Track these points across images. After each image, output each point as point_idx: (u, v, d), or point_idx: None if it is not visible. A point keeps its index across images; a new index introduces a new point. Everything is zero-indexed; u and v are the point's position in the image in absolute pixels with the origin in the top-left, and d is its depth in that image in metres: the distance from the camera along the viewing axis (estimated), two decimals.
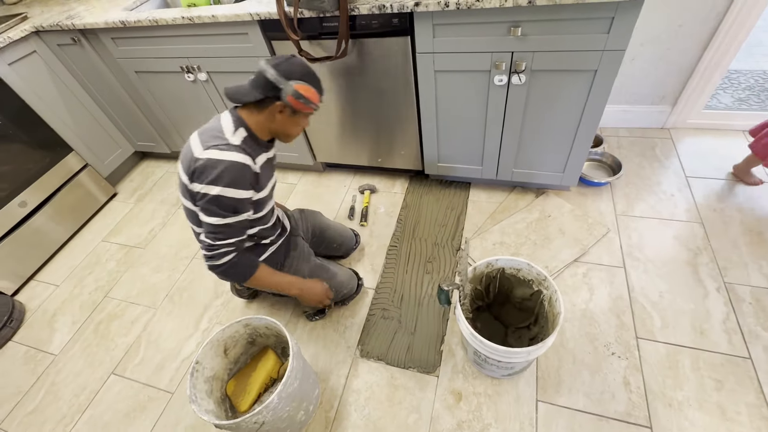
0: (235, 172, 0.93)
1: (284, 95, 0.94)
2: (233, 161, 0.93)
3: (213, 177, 0.91)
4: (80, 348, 1.52)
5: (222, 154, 0.92)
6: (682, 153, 1.78)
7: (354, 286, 1.41)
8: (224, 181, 0.92)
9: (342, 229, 1.56)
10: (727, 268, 1.36)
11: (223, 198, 0.93)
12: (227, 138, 0.96)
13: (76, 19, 1.65)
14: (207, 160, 0.92)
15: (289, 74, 0.94)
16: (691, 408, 1.09)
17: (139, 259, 1.81)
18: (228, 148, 0.94)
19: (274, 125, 1.02)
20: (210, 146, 0.94)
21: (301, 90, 0.94)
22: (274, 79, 0.93)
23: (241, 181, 0.95)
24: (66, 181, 1.94)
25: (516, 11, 1.13)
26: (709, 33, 1.55)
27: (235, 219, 0.98)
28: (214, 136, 0.96)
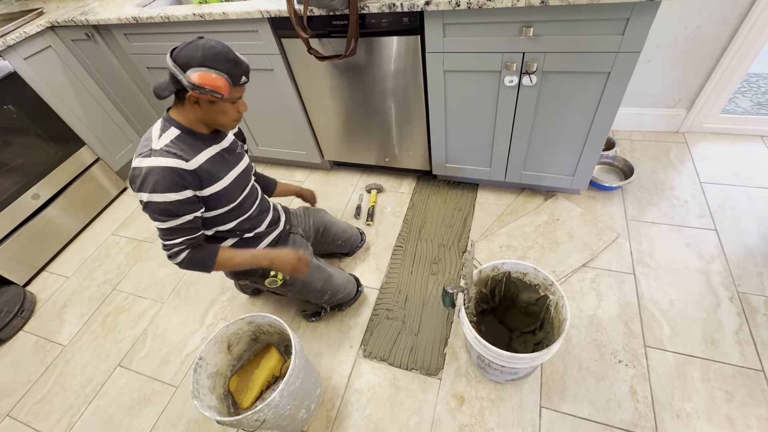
0: (158, 177, 0.89)
1: (188, 85, 0.85)
2: (153, 167, 0.89)
3: (138, 185, 0.90)
4: (88, 339, 1.54)
5: (143, 161, 0.90)
6: (697, 158, 1.74)
7: (352, 291, 1.39)
8: (148, 187, 0.89)
9: (347, 226, 1.55)
10: (742, 278, 1.32)
11: (152, 204, 0.91)
12: (151, 143, 0.92)
13: (90, 15, 1.67)
14: (133, 169, 0.92)
15: (187, 62, 0.85)
16: (699, 420, 1.06)
17: (148, 253, 1.83)
18: (150, 153, 0.90)
19: (201, 116, 0.96)
20: (137, 155, 0.92)
21: (199, 80, 0.84)
22: (173, 71, 0.86)
23: (167, 184, 0.90)
24: (78, 174, 1.97)
25: (528, 11, 1.11)
26: (729, 35, 1.50)
27: (176, 222, 0.95)
28: (143, 144, 0.94)
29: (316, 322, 1.43)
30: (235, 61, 0.89)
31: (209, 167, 0.98)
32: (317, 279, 1.29)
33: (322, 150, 1.92)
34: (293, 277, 1.23)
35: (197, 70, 0.84)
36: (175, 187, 0.91)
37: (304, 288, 1.28)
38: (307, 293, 1.30)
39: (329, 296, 1.32)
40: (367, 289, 1.50)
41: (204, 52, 0.85)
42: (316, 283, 1.28)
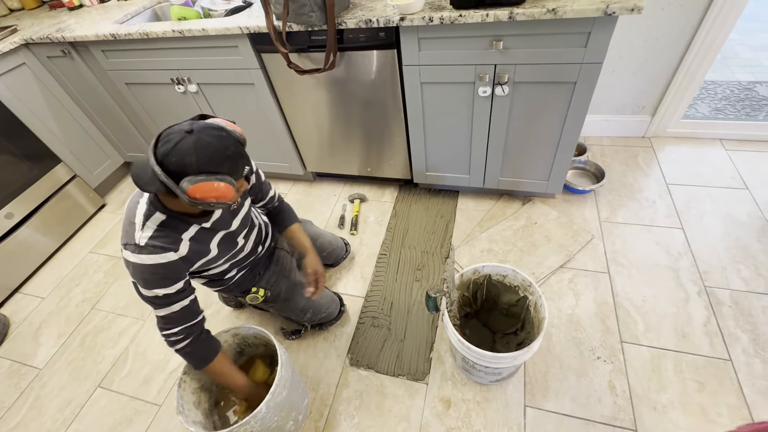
0: (147, 276, 0.84)
1: (181, 195, 0.74)
2: (142, 264, 0.83)
3: (132, 275, 0.86)
4: (66, 361, 1.49)
5: (131, 257, 0.83)
6: (663, 161, 1.84)
7: (335, 311, 1.39)
8: (140, 283, 0.86)
9: (332, 237, 1.56)
10: (707, 272, 1.39)
11: (146, 297, 0.88)
12: (134, 237, 0.83)
13: (67, 31, 1.67)
14: (125, 260, 0.86)
15: (180, 170, 0.72)
16: (675, 410, 1.11)
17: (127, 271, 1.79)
18: (134, 249, 0.82)
19: (191, 209, 0.88)
20: (123, 243, 0.85)
21: (200, 194, 0.73)
22: (165, 180, 0.72)
23: (157, 281, 0.85)
24: (54, 192, 1.93)
25: (497, 26, 1.17)
26: (684, 46, 1.61)
27: (171, 310, 0.90)
28: (127, 231, 0.85)
29: (296, 340, 1.42)
30: (235, 154, 0.77)
31: (195, 246, 0.92)
32: (300, 297, 1.28)
33: (305, 162, 1.94)
34: (274, 293, 1.23)
35: (195, 181, 0.72)
36: (165, 282, 0.86)
37: (286, 305, 1.28)
38: (288, 311, 1.30)
39: (311, 315, 1.33)
40: (353, 298, 1.52)
41: (199, 155, 0.72)
42: (299, 302, 1.28)
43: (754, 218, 1.53)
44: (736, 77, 2.33)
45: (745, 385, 1.13)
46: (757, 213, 1.54)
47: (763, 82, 2.26)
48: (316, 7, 1.24)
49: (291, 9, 1.26)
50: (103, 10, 1.89)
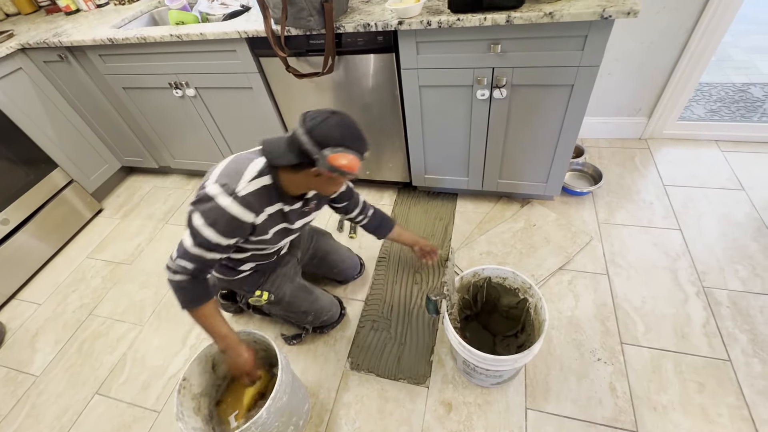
0: (220, 218, 0.88)
1: (321, 164, 0.84)
2: (224, 209, 0.87)
3: (201, 208, 0.88)
4: (63, 368, 1.48)
5: (219, 197, 0.87)
6: (660, 162, 1.85)
7: (336, 314, 1.39)
8: (207, 218, 0.88)
9: (347, 255, 1.51)
10: (705, 273, 1.40)
11: (197, 230, 0.89)
12: (237, 184, 0.89)
13: (64, 36, 1.66)
14: (205, 193, 0.88)
15: (325, 140, 0.83)
16: (675, 411, 1.11)
17: (125, 276, 1.79)
18: (230, 193, 0.88)
19: (312, 185, 0.95)
20: (219, 182, 0.89)
21: (337, 162, 0.84)
22: (308, 149, 0.83)
23: (225, 230, 0.89)
24: (50, 197, 1.92)
25: (495, 29, 1.18)
26: (679, 48, 1.63)
27: (200, 253, 0.91)
28: (231, 175, 0.90)
29: (297, 344, 1.41)
30: (363, 138, 0.89)
31: (267, 222, 0.97)
32: (303, 300, 1.28)
33: None
34: (278, 296, 1.23)
35: (335, 151, 0.83)
36: (230, 234, 0.90)
37: (290, 308, 1.28)
38: (290, 314, 1.30)
39: (313, 318, 1.32)
40: (352, 302, 1.51)
41: (342, 131, 0.84)
42: (302, 305, 1.28)
43: (750, 219, 1.54)
44: (731, 79, 2.35)
45: (744, 385, 1.13)
46: (753, 214, 1.55)
47: (756, 83, 2.28)
48: (314, 12, 1.25)
49: (289, 13, 1.27)
50: (101, 15, 1.89)
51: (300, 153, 0.84)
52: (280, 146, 0.88)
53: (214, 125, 1.83)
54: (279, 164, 0.89)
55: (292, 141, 0.85)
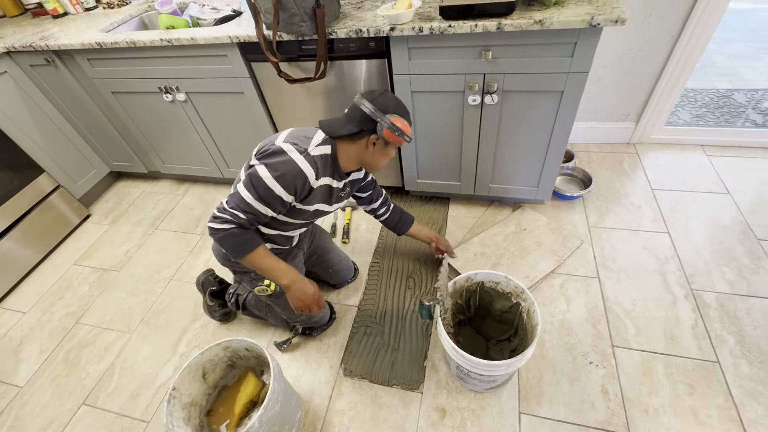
0: (288, 172, 0.93)
1: (380, 128, 0.97)
2: (296, 162, 0.94)
3: (270, 161, 0.93)
4: (48, 378, 1.44)
5: (292, 152, 0.94)
6: (648, 166, 1.88)
7: (326, 316, 1.39)
8: (275, 170, 0.92)
9: (343, 257, 1.52)
10: (694, 276, 1.42)
11: (263, 182, 0.93)
12: (308, 145, 0.98)
13: (51, 40, 1.64)
14: (278, 147, 0.95)
15: (385, 108, 0.97)
16: (666, 414, 1.12)
17: (114, 283, 1.76)
18: (301, 151, 0.95)
19: (365, 156, 1.05)
20: (290, 141, 0.96)
21: (397, 123, 0.97)
22: (371, 113, 0.96)
23: (289, 183, 0.94)
24: (36, 203, 1.88)
25: (486, 36, 1.19)
26: (666, 55, 1.66)
27: (257, 205, 0.95)
28: (300, 138, 0.99)
29: (288, 347, 1.39)
30: (410, 114, 1.07)
31: (318, 191, 1.03)
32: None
33: None
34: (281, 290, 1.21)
35: (394, 116, 0.98)
36: (291, 188, 0.95)
37: (287, 303, 1.26)
38: (288, 307, 1.29)
39: (306, 316, 1.32)
40: (346, 307, 1.50)
41: (396, 102, 1.00)
42: None
43: (736, 222, 1.57)
44: (715, 85, 2.41)
45: (733, 387, 1.15)
46: (738, 217, 1.59)
47: (740, 89, 2.34)
48: (306, 17, 1.25)
49: (281, 19, 1.27)
50: (89, 18, 1.86)
51: (361, 120, 0.98)
52: (339, 120, 1.01)
53: (205, 130, 1.82)
54: (340, 134, 1.00)
55: (352, 112, 0.99)
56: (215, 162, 1.97)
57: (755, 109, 2.14)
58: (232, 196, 0.97)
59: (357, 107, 0.98)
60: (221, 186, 2.21)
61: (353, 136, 1.01)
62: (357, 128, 0.99)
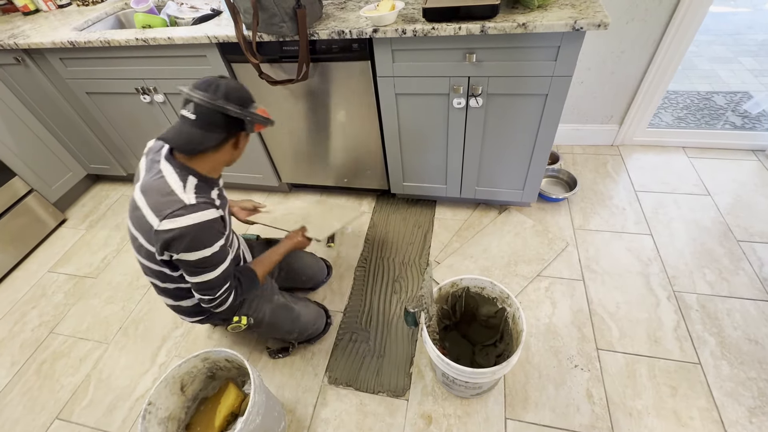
0: (205, 233, 0.87)
1: (250, 125, 0.90)
2: (196, 224, 0.85)
3: (184, 246, 0.85)
4: (20, 392, 1.38)
5: (181, 221, 0.84)
6: (631, 168, 1.90)
7: (321, 325, 1.36)
8: (200, 244, 0.87)
9: (312, 261, 1.50)
10: (676, 277, 1.44)
11: (204, 260, 0.89)
12: (182, 199, 0.86)
13: (20, 38, 1.57)
14: (170, 231, 0.84)
15: (243, 101, 0.88)
16: (649, 416, 1.13)
17: (90, 290, 1.70)
18: (187, 211, 0.85)
19: (232, 157, 0.97)
20: (166, 216, 0.84)
21: (262, 113, 0.92)
22: (239, 114, 0.86)
23: (214, 237, 0.89)
24: (8, 207, 1.80)
25: (470, 39, 1.18)
26: (648, 58, 1.68)
27: (224, 267, 0.94)
28: (166, 200, 0.86)
29: (284, 358, 1.36)
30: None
31: (222, 209, 0.98)
32: (284, 320, 1.24)
33: (279, 173, 1.89)
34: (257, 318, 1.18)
35: (256, 106, 0.91)
36: (218, 236, 0.91)
37: (271, 330, 1.23)
38: (274, 334, 1.26)
39: (297, 334, 1.29)
40: (331, 313, 1.48)
41: (244, 89, 0.90)
42: (284, 325, 1.24)
43: (716, 223, 1.60)
44: (696, 88, 2.45)
45: (714, 388, 1.16)
46: (719, 218, 1.61)
47: (719, 92, 2.39)
48: (287, 18, 1.21)
49: (261, 19, 1.23)
50: (62, 16, 1.79)
51: (226, 124, 0.87)
52: (191, 133, 0.85)
53: None
54: (204, 148, 0.88)
55: (209, 117, 0.85)
56: None
57: (734, 112, 2.19)
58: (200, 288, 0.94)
59: (214, 111, 0.84)
60: None
61: (217, 145, 0.89)
62: (224, 134, 0.88)
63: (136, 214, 0.90)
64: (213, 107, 0.84)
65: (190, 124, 0.85)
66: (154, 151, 0.97)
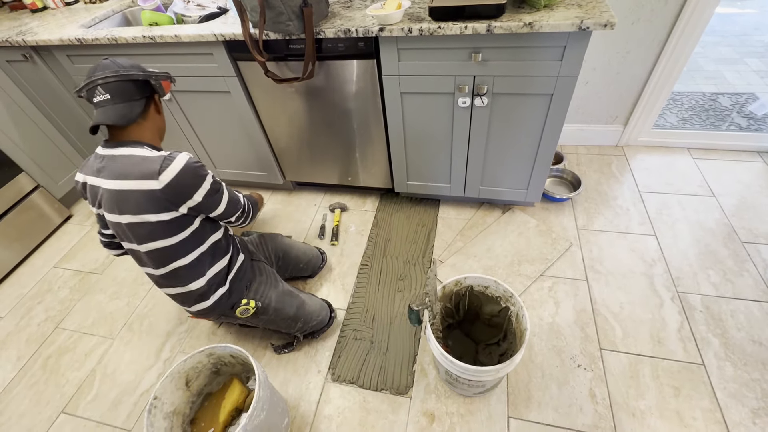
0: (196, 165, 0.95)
1: (158, 84, 0.97)
2: (186, 161, 0.93)
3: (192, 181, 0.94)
4: (26, 386, 1.40)
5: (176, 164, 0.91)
6: (635, 169, 1.89)
7: (325, 317, 1.37)
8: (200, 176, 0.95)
9: (306, 248, 1.54)
10: (680, 278, 1.44)
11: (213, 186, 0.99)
12: (158, 155, 0.92)
13: (28, 35, 1.58)
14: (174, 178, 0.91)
15: (138, 66, 0.95)
16: (652, 416, 1.13)
17: (95, 286, 1.71)
18: (170, 159, 0.92)
19: (159, 122, 1.04)
20: (160, 171, 0.90)
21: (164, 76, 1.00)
22: (144, 75, 0.93)
23: (202, 168, 0.97)
24: (14, 203, 1.82)
25: (476, 38, 1.18)
26: (653, 59, 1.67)
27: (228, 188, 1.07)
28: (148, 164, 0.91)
29: (288, 353, 1.37)
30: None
31: None
32: (289, 305, 1.25)
33: (284, 171, 1.90)
34: (264, 303, 1.19)
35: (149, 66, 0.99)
36: (205, 168, 0.99)
37: (277, 315, 1.24)
38: (279, 321, 1.26)
39: (302, 324, 1.29)
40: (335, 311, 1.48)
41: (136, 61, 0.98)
42: (289, 310, 1.25)
43: (720, 225, 1.59)
44: (701, 89, 2.44)
45: (717, 389, 1.16)
46: (723, 220, 1.61)
47: (725, 93, 2.38)
48: (293, 16, 1.22)
49: (268, 17, 1.24)
50: (69, 13, 1.81)
51: (139, 89, 0.94)
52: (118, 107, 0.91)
53: (190, 129, 1.78)
54: (135, 116, 0.93)
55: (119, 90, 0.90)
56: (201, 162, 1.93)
57: (739, 113, 2.18)
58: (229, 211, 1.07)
59: (122, 82, 0.90)
60: None
61: (143, 114, 0.96)
62: (142, 98, 0.95)
63: (130, 200, 0.92)
64: (119, 78, 0.89)
65: (109, 103, 0.90)
66: (91, 162, 0.98)
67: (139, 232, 0.96)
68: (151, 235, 0.97)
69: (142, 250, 0.99)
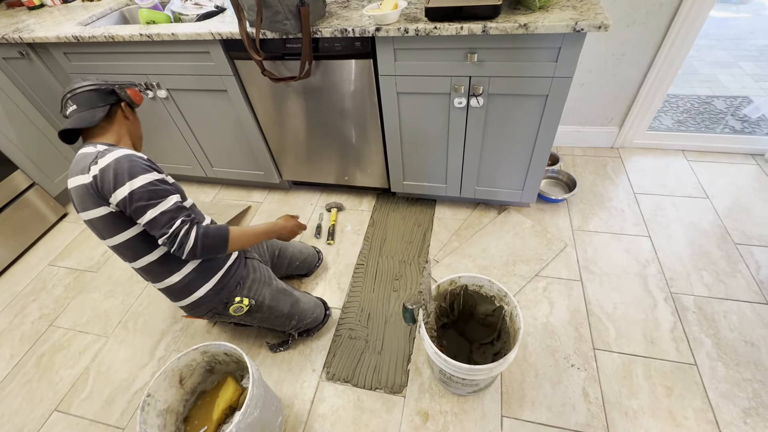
0: (129, 163, 0.91)
1: (122, 91, 1.04)
2: (118, 157, 0.91)
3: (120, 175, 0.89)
4: (19, 384, 1.39)
5: (106, 159, 0.91)
6: (630, 171, 1.91)
7: (320, 315, 1.37)
8: (126, 175, 0.89)
9: (302, 246, 1.54)
10: (673, 279, 1.45)
11: (137, 191, 0.89)
12: (96, 151, 0.93)
13: (25, 32, 1.58)
14: (102, 171, 0.89)
15: (103, 80, 1.02)
16: (645, 416, 1.13)
17: (90, 284, 1.70)
18: (103, 153, 0.92)
19: (129, 129, 1.07)
20: (89, 165, 0.91)
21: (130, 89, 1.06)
22: (107, 85, 1.01)
23: (141, 166, 0.92)
24: (9, 201, 1.81)
25: (472, 39, 1.19)
26: (648, 61, 1.69)
27: (168, 203, 0.93)
28: (83, 160, 0.94)
29: (284, 351, 1.37)
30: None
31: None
32: (284, 303, 1.25)
33: (281, 170, 1.90)
34: (258, 301, 1.19)
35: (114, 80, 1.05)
36: (149, 169, 0.94)
37: (271, 313, 1.24)
38: (273, 319, 1.26)
39: (297, 321, 1.29)
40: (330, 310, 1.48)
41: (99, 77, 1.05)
42: (283, 308, 1.25)
43: (714, 226, 1.60)
44: (696, 91, 2.46)
45: (709, 389, 1.17)
46: (717, 221, 1.62)
47: (719, 96, 2.40)
48: (290, 15, 1.22)
49: (265, 16, 1.24)
50: (66, 11, 1.80)
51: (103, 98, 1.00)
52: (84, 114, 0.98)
53: (187, 128, 1.78)
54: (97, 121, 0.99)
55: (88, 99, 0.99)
56: (198, 161, 1.93)
57: (734, 116, 2.20)
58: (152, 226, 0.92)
59: (87, 92, 0.98)
60: (205, 185, 2.16)
61: (108, 120, 1.02)
62: (106, 105, 1.00)
63: (76, 197, 0.95)
64: (84, 88, 0.99)
65: (75, 112, 0.98)
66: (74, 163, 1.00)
67: (96, 228, 0.98)
68: (106, 231, 0.98)
69: (108, 245, 1.02)
